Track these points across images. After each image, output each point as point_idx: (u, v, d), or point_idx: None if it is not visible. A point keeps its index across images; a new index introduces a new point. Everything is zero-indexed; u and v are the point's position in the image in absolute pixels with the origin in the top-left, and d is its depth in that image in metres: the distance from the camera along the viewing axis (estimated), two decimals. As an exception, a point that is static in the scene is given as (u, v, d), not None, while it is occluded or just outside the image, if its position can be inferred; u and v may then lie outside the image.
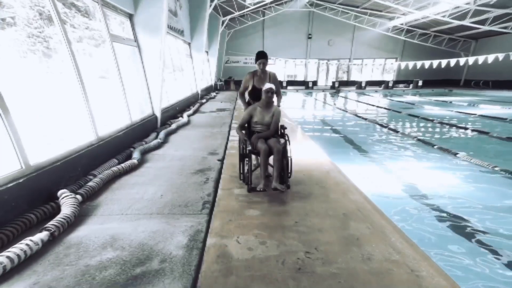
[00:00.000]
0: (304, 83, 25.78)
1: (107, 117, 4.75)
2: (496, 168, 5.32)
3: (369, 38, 25.01)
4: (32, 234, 2.39)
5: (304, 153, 5.19)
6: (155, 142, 5.52)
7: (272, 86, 3.58)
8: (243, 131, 3.81)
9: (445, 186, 4.90)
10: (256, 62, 3.93)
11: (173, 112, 8.56)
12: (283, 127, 3.88)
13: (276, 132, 3.77)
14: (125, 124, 5.19)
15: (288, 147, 3.56)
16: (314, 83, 25.91)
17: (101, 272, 2.09)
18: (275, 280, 2.05)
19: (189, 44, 12.74)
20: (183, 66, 11.66)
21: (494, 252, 3.16)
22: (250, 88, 4.01)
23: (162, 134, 6.12)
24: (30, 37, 3.32)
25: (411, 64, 21.21)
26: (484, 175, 5.24)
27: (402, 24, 22.40)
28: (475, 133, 8.54)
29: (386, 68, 27.13)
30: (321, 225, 2.78)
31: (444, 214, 3.95)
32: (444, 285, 2.02)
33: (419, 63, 20.30)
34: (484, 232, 3.51)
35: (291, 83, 26.11)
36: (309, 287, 1.99)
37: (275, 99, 3.91)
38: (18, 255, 2.08)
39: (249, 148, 3.58)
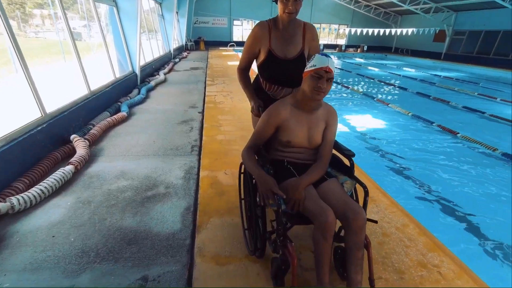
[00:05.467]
0: (268, 44, 25.19)
1: (96, 73, 4.60)
2: (409, 114, 6.49)
3: (326, 5, 24.60)
4: (60, 167, 2.60)
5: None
6: (138, 97, 5.46)
7: (333, 65, 1.39)
8: (255, 160, 1.52)
9: (379, 126, 6.02)
10: None
11: (149, 71, 8.23)
12: (346, 151, 1.59)
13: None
14: (110, 80, 5.05)
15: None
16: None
17: (121, 194, 2.36)
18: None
19: (160, 4, 11.77)
20: (156, 26, 10.90)
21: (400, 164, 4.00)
22: (263, 57, 1.73)
23: (143, 90, 6.02)
24: (10, 4, 3.07)
25: (358, 30, 21.73)
26: (403, 118, 6.42)
27: (351, -6, 22.71)
28: (399, 89, 9.86)
29: (340, 33, 27.28)
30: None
31: (377, 146, 4.95)
32: (386, 202, 2.48)
33: (364, 30, 20.92)
34: (395, 155, 4.34)
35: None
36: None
37: None
38: (60, 179, 2.35)
39: (283, 208, 1.37)
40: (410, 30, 19.12)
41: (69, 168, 2.51)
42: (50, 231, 1.88)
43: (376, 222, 1.46)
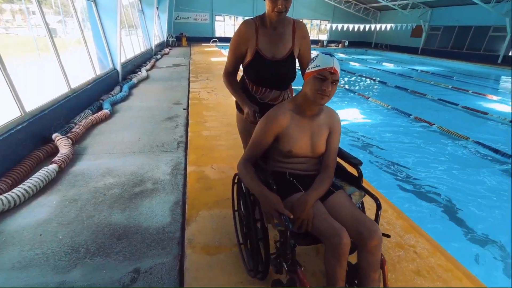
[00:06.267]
0: (252, 40, 25.02)
1: (75, 70, 4.48)
2: (389, 107, 6.74)
3: (307, 1, 24.77)
4: (43, 166, 2.54)
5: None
6: (121, 94, 5.37)
7: (338, 65, 1.25)
8: (255, 175, 1.35)
9: (360, 119, 6.24)
10: None
11: (131, 68, 8.07)
12: (352, 160, 1.44)
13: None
14: (91, 77, 4.93)
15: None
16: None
17: (109, 191, 2.36)
18: (243, 189, 2.52)
19: (139, -1, 11.49)
20: (136, 22, 10.65)
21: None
22: (249, 58, 1.60)
23: (126, 87, 5.91)
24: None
25: (339, 26, 22.10)
26: (383, 111, 6.67)
27: (332, -10, 23.03)
28: (379, 83, 10.19)
29: (321, 29, 27.61)
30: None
31: (358, 136, 5.17)
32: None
33: (345, 26, 21.30)
34: (375, 146, 4.50)
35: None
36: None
37: None
38: (44, 178, 2.31)
39: (289, 227, 1.15)
40: (388, 26, 19.77)
41: (52, 167, 2.47)
42: (36, 230, 1.87)
43: (389, 236, 1.32)
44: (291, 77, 1.67)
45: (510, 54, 15.27)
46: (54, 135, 2.97)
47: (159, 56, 11.91)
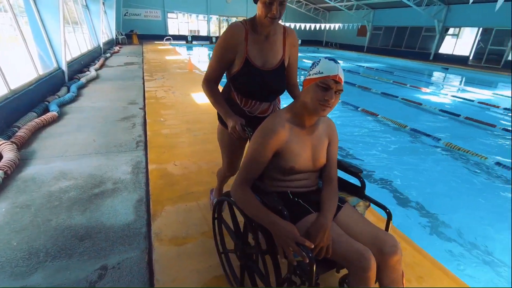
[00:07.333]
0: (208, 38, 24.57)
1: (14, 70, 4.09)
2: (339, 101, 7.00)
3: (259, 0, 25.07)
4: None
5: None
6: (69, 95, 5.02)
7: (342, 73, 1.13)
8: (257, 201, 1.16)
9: None
10: None
11: (78, 67, 7.52)
12: (352, 168, 1.39)
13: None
14: (33, 77, 4.53)
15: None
16: (217, 38, 24.96)
17: (65, 194, 2.26)
18: (207, 183, 2.58)
19: (82, -7, 10.69)
20: (80, 18, 9.89)
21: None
22: (237, 68, 1.43)
23: (74, 87, 5.53)
24: None
25: (292, 25, 22.82)
26: (343, 108, 7.03)
27: (283, -10, 23.61)
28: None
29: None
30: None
31: None
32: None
33: (297, 25, 22.10)
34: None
35: (195, 38, 24.54)
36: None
37: None
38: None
39: (313, 259, 0.99)
40: (337, 26, 20.98)
41: (-3, 173, 2.28)
42: (-14, 239, 1.74)
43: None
44: (282, 88, 1.54)
45: (439, 51, 17.29)
46: (-5, 140, 2.72)
47: (108, 55, 11.24)
